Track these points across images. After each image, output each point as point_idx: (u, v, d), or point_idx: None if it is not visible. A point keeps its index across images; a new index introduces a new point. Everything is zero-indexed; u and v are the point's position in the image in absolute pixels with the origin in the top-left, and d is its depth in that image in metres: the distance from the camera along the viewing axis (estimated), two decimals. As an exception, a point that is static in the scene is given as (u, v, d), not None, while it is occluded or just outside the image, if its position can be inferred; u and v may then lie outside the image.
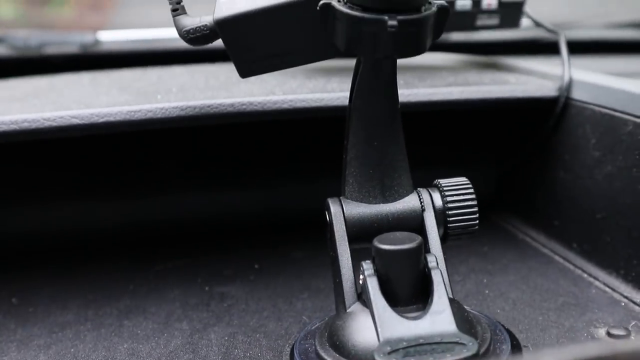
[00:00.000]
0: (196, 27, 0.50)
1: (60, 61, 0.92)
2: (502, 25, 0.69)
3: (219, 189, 0.71)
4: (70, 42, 0.96)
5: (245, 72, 0.52)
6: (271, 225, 0.71)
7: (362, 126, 0.46)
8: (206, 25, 0.50)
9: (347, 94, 0.47)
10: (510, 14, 0.69)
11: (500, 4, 0.68)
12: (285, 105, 0.56)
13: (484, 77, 0.65)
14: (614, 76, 0.61)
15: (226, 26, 0.49)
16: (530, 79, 0.65)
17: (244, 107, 0.55)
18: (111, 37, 1.04)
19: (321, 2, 0.42)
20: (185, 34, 0.50)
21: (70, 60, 0.92)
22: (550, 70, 0.66)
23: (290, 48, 0.51)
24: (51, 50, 0.93)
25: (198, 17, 0.50)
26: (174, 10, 0.51)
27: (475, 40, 0.97)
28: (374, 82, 0.44)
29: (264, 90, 0.58)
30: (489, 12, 0.68)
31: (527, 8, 0.71)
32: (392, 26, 0.39)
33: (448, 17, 0.42)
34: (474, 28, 0.69)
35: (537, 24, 0.73)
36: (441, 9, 0.41)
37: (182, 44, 0.51)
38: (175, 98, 0.57)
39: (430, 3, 0.41)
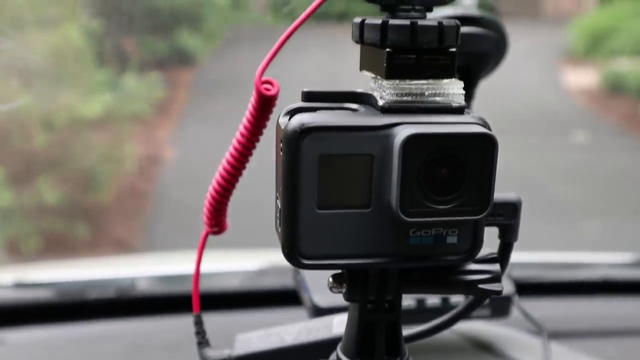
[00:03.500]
0: (217, 363, 0.59)
1: (99, 305, 1.02)
2: (493, 315, 0.77)
3: None
4: (108, 285, 1.07)
5: None
6: None
7: None
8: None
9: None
10: (501, 305, 0.77)
11: (490, 298, 0.76)
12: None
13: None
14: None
15: (243, 362, 0.58)
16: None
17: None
18: (148, 273, 1.16)
19: None
20: (207, 370, 0.59)
21: (107, 304, 1.02)
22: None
23: None
24: (91, 294, 1.04)
25: (220, 350, 0.59)
26: (199, 344, 0.60)
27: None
28: None
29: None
30: (482, 306, 0.76)
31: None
32: None
33: None
34: (468, 318, 0.77)
35: (526, 316, 0.80)
36: None
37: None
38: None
39: None
